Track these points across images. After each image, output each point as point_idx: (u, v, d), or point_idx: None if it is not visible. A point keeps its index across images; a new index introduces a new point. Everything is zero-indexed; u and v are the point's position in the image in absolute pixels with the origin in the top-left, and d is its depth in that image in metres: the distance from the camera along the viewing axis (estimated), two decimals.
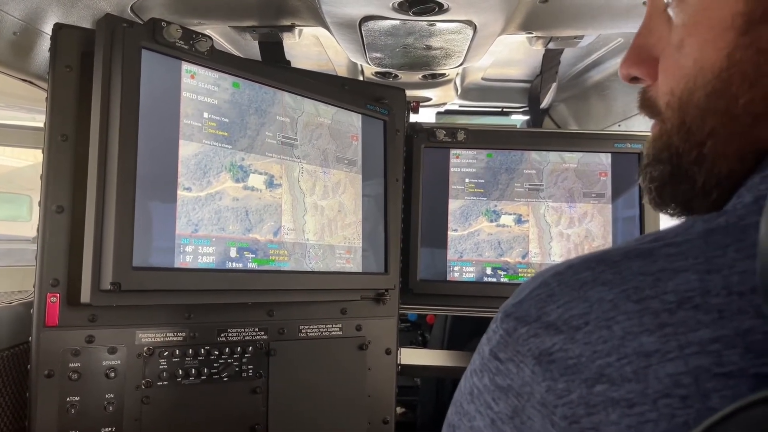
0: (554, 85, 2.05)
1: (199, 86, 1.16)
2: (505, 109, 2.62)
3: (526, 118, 2.61)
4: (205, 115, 1.16)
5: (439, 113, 2.59)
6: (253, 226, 1.22)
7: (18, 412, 1.18)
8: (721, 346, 0.34)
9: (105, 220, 1.03)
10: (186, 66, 1.14)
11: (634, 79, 0.53)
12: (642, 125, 1.95)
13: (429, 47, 1.50)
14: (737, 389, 0.33)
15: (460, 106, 2.60)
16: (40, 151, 1.16)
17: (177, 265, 1.10)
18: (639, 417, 0.35)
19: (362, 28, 1.37)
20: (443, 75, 1.95)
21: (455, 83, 2.18)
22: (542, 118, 2.38)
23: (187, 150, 1.13)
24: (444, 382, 2.17)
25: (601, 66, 2.07)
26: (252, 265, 1.22)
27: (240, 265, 1.20)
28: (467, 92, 2.44)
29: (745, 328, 0.34)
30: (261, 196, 1.24)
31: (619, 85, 2.07)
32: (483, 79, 2.36)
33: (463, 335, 2.15)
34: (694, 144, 0.46)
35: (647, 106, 0.52)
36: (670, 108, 0.48)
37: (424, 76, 1.95)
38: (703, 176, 0.46)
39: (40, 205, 1.14)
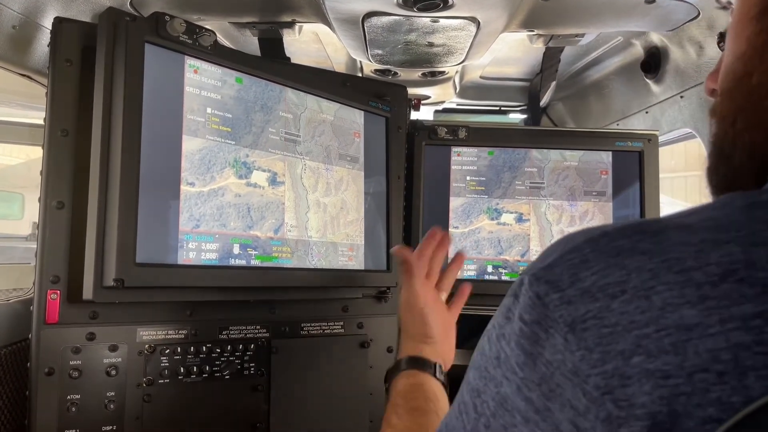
0: (553, 83, 2.06)
1: (202, 81, 1.15)
2: (503, 108, 2.62)
3: (524, 116, 2.62)
4: (208, 110, 1.15)
5: (437, 111, 2.59)
6: (254, 223, 1.21)
7: (17, 410, 1.17)
8: (763, 322, 0.34)
9: (108, 216, 1.02)
10: (189, 61, 1.13)
11: (712, 92, 0.57)
12: (640, 124, 1.95)
13: (431, 44, 1.49)
14: None
15: (458, 105, 2.60)
16: (33, 148, 1.15)
17: (180, 261, 1.09)
18: (673, 389, 0.34)
19: (365, 24, 1.37)
20: (443, 73, 1.95)
21: (454, 81, 2.17)
22: (541, 116, 2.38)
23: (190, 145, 1.12)
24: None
25: (600, 65, 2.08)
26: (255, 262, 1.21)
27: (243, 262, 1.19)
28: (465, 90, 2.44)
29: None
30: (263, 193, 1.23)
31: (618, 84, 2.07)
32: (481, 77, 2.36)
33: (462, 333, 2.13)
34: (729, 124, 0.49)
35: (712, 111, 0.55)
36: (717, 102, 0.52)
37: (424, 74, 1.94)
38: (738, 152, 0.48)
39: (40, 201, 1.13)
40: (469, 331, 2.26)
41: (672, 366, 0.35)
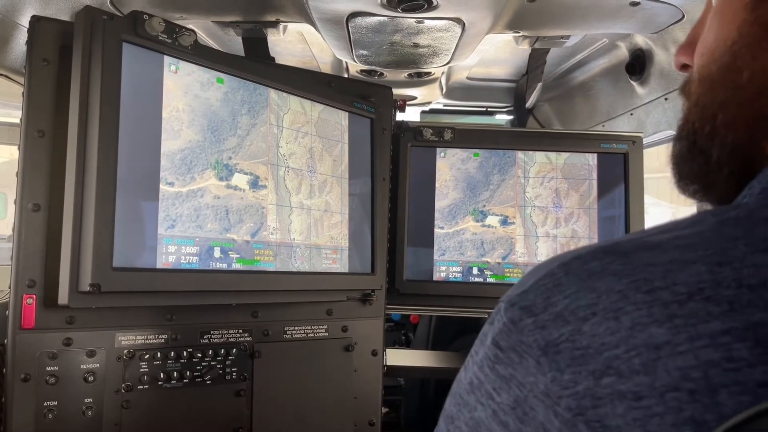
0: (539, 84, 2.06)
1: (182, 81, 1.13)
2: (489, 109, 2.62)
3: (510, 117, 2.62)
4: (188, 110, 1.13)
5: (423, 112, 2.59)
6: (231, 226, 1.19)
7: None
8: (731, 339, 0.34)
9: (84, 219, 1.00)
10: (169, 60, 1.11)
11: (683, 67, 0.55)
12: (625, 126, 1.96)
13: (416, 45, 1.48)
14: (745, 386, 0.33)
15: (444, 105, 2.60)
16: (15, 147, 1.12)
17: (159, 265, 1.07)
18: (646, 410, 0.34)
19: (349, 25, 1.35)
20: (429, 74, 1.94)
21: (440, 82, 2.17)
22: (527, 117, 2.39)
23: (170, 146, 1.10)
24: (428, 382, 2.16)
25: (585, 66, 2.08)
26: (237, 266, 1.19)
27: (224, 266, 1.17)
28: (452, 91, 2.44)
29: (755, 321, 0.34)
30: (243, 196, 1.21)
31: (603, 86, 2.08)
32: (468, 78, 2.36)
33: (447, 335, 2.14)
34: (707, 117, 0.47)
35: (683, 89, 0.53)
36: (693, 84, 0.50)
37: (410, 75, 1.93)
38: (717, 150, 0.47)
39: (15, 203, 1.10)
40: (453, 333, 2.27)
41: (643, 386, 0.35)
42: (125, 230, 1.02)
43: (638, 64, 1.76)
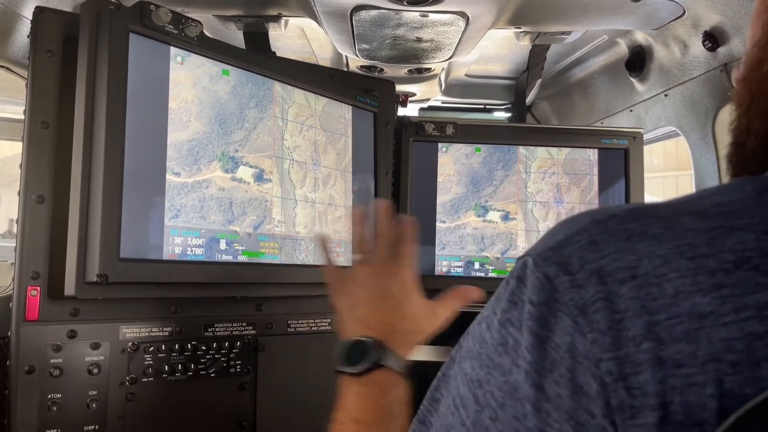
0: (538, 81, 2.06)
1: (188, 73, 1.12)
2: (487, 106, 2.62)
3: (508, 115, 2.62)
4: (194, 102, 1.13)
5: (422, 109, 2.59)
6: (234, 218, 1.18)
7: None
8: None
9: (91, 210, 0.99)
10: (175, 51, 1.10)
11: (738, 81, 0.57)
12: (624, 122, 1.97)
13: (419, 39, 1.48)
14: None
15: (442, 103, 2.60)
16: (10, 143, 1.11)
17: (166, 256, 1.06)
18: (685, 379, 0.34)
19: (353, 18, 1.35)
20: (429, 70, 1.94)
21: (440, 79, 2.17)
22: (526, 114, 2.39)
23: (176, 137, 1.09)
24: (426, 379, 2.15)
25: (584, 63, 2.09)
26: (242, 258, 1.19)
27: (229, 258, 1.17)
28: (450, 88, 2.44)
29: None
30: (247, 189, 1.21)
31: (602, 83, 2.09)
32: (466, 75, 2.36)
33: (448, 331, 2.13)
34: (743, 112, 0.48)
35: (731, 96, 0.54)
36: (738, 89, 0.51)
37: (410, 71, 1.93)
38: (750, 140, 0.47)
39: (19, 195, 1.10)
40: (453, 329, 2.26)
41: (684, 355, 0.34)
42: (132, 221, 1.02)
43: (638, 61, 1.77)
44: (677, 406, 0.34)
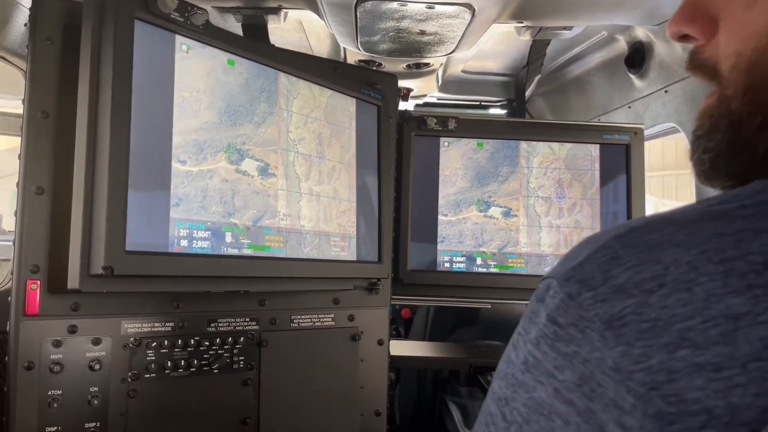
0: (537, 77, 2.06)
1: (193, 62, 1.10)
2: (482, 103, 2.62)
3: (504, 111, 2.62)
4: (200, 92, 1.11)
5: (417, 105, 2.58)
6: (236, 210, 1.16)
7: None
8: None
9: (95, 201, 0.97)
10: (180, 40, 1.08)
11: (684, 38, 0.51)
12: (623, 119, 1.97)
13: (423, 32, 1.47)
14: None
15: (438, 99, 2.59)
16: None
17: (171, 249, 1.04)
18: (727, 381, 0.34)
19: (357, 10, 1.34)
20: (428, 65, 1.93)
21: (437, 75, 2.16)
22: (525, 110, 2.39)
23: (181, 127, 1.07)
24: (425, 376, 2.15)
25: (581, 60, 2.09)
26: (247, 251, 1.17)
27: (235, 251, 1.14)
28: (447, 85, 2.43)
29: None
30: (251, 182, 1.19)
31: (599, 80, 2.09)
32: (463, 71, 2.35)
33: (446, 327, 2.13)
34: (760, 108, 0.44)
35: (701, 67, 0.50)
36: (736, 70, 0.46)
37: (409, 66, 1.92)
38: (766, 143, 0.44)
39: (18, 187, 1.07)
40: (452, 324, 2.27)
41: (723, 357, 0.34)
42: (137, 212, 0.99)
43: (637, 57, 1.78)
44: (722, 409, 0.34)
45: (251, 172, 1.19)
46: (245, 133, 1.18)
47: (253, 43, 1.26)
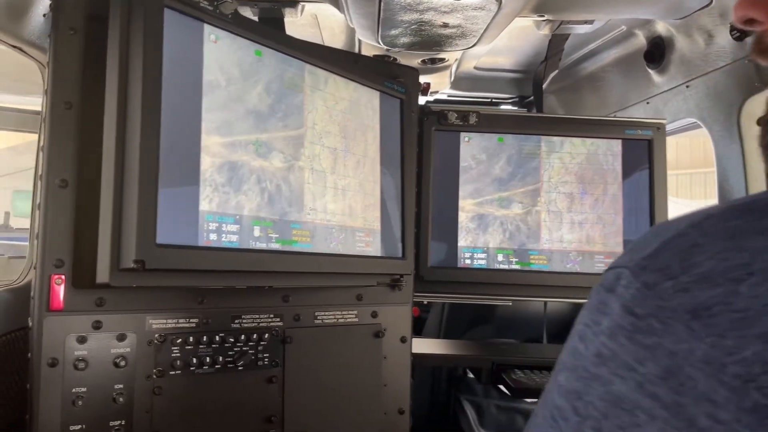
0: (553, 74, 2.05)
1: (221, 52, 1.08)
2: (494, 100, 2.61)
3: (515, 109, 2.61)
4: (228, 83, 1.08)
5: (428, 102, 2.56)
6: (264, 204, 1.13)
7: (15, 404, 1.07)
8: None
9: (125, 194, 0.94)
10: (209, 29, 1.05)
11: (749, 21, 0.51)
12: (641, 114, 1.95)
13: (446, 25, 1.45)
14: None
15: (449, 96, 2.58)
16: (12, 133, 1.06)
17: (201, 243, 1.02)
18: None
19: (382, 1, 1.32)
20: (443, 60, 1.91)
21: (451, 70, 2.14)
22: (532, 107, 2.38)
23: (210, 118, 1.04)
24: (439, 375, 2.13)
25: (597, 56, 2.08)
26: (275, 246, 1.14)
27: (263, 245, 1.12)
28: (459, 81, 2.42)
29: None
30: (278, 175, 1.16)
31: (615, 76, 2.08)
32: (475, 68, 2.34)
33: (461, 324, 2.11)
34: None
35: (767, 50, 0.49)
36: None
37: (424, 61, 1.90)
38: None
39: (40, 180, 1.04)
40: (467, 322, 2.24)
41: None
42: (168, 206, 0.97)
43: (657, 52, 1.76)
44: None
45: (278, 165, 1.16)
46: (273, 125, 1.15)
47: (280, 34, 1.24)
